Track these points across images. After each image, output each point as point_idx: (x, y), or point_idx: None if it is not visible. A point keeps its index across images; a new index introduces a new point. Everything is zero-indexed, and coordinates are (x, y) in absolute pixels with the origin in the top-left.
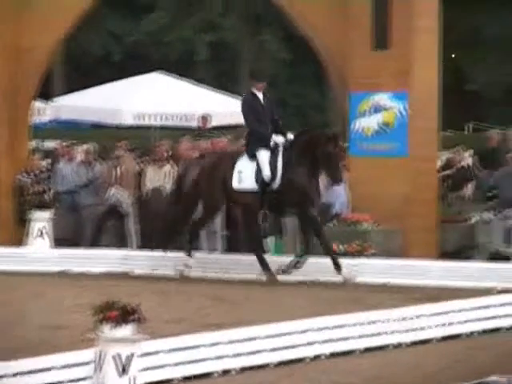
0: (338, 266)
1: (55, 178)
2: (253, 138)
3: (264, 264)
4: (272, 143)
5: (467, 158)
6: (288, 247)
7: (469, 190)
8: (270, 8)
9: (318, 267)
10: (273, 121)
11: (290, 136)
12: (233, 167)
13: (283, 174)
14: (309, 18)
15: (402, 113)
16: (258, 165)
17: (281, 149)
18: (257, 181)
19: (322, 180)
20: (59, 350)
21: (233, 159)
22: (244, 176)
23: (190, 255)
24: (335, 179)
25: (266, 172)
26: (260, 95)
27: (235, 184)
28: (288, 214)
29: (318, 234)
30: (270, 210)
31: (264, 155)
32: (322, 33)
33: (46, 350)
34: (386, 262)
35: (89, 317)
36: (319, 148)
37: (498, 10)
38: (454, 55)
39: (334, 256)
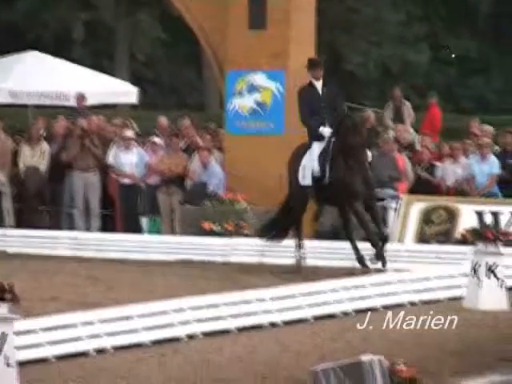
0: (380, 256)
1: None
2: (308, 131)
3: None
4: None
5: None
6: (165, 226)
7: None
8: None
9: (194, 246)
10: (336, 109)
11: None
12: (300, 162)
13: (330, 168)
14: None
15: (278, 92)
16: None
17: (332, 140)
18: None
19: (198, 158)
20: None
21: (303, 153)
22: (306, 171)
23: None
24: (361, 170)
25: (316, 167)
26: (318, 85)
27: (300, 179)
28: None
29: (361, 223)
30: (324, 204)
31: (315, 149)
32: (197, 12)
33: None
34: (260, 241)
35: None
36: (345, 140)
37: None
38: (329, 36)
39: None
